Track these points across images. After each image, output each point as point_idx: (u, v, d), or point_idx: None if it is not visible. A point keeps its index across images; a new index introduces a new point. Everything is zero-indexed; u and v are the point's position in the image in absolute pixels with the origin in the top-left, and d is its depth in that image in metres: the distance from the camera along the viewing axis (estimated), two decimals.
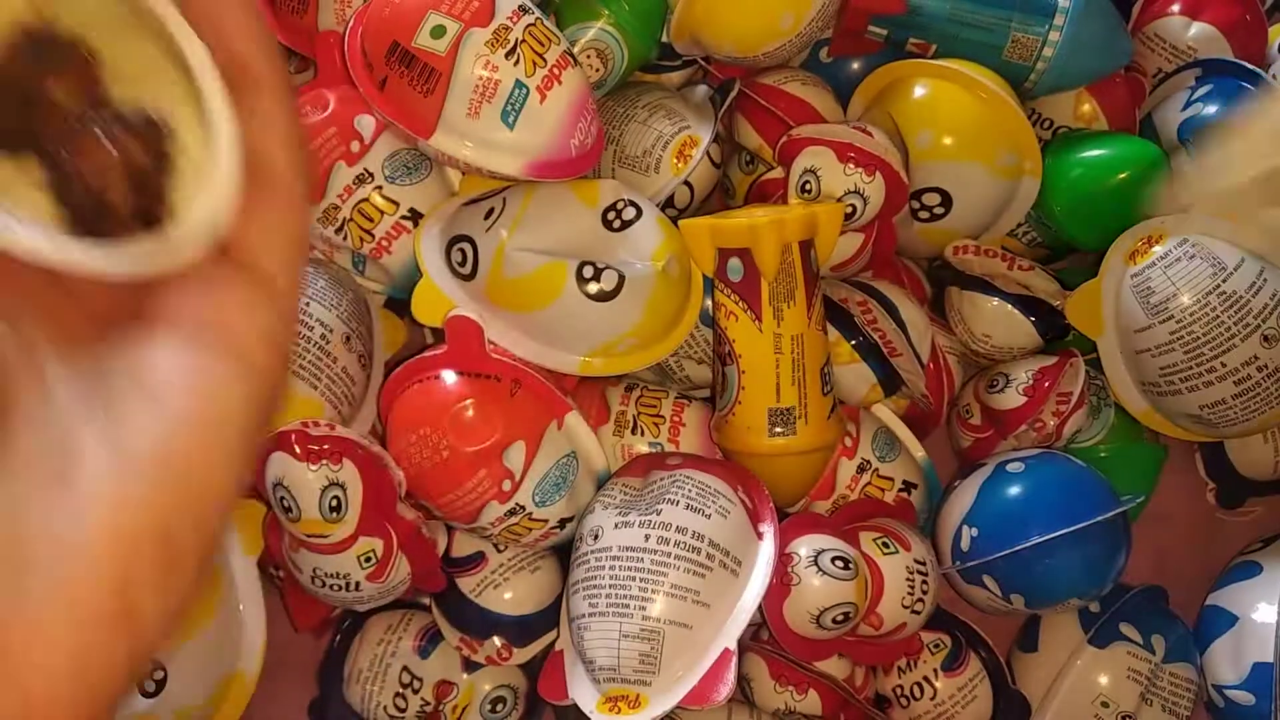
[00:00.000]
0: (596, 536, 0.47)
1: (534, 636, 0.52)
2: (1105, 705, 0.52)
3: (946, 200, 0.55)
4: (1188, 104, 0.58)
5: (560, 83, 0.48)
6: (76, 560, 0.17)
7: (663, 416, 0.54)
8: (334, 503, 0.46)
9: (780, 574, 0.48)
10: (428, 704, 0.53)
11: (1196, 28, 0.61)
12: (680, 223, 0.51)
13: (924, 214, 0.56)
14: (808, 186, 0.52)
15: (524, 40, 0.47)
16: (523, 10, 0.48)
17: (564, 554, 0.52)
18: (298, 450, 0.46)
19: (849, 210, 0.52)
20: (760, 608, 0.47)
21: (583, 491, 0.51)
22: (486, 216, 0.50)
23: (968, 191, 0.55)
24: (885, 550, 0.50)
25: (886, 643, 0.52)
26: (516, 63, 0.47)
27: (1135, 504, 0.53)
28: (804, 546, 0.49)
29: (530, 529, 0.50)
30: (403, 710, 0.52)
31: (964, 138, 0.54)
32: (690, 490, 0.47)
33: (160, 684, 0.46)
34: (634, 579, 0.45)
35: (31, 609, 0.16)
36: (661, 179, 0.55)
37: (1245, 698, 0.52)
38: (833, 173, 0.52)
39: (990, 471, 0.53)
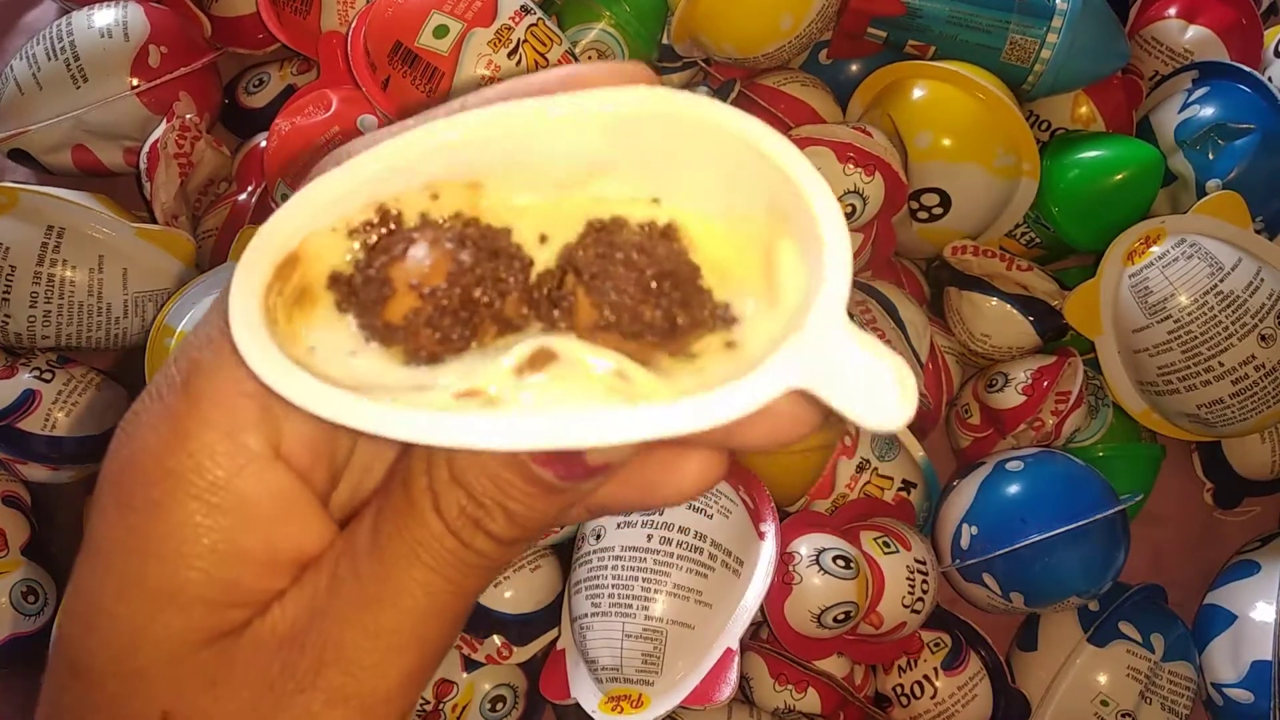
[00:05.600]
0: (599, 536, 0.47)
1: (534, 635, 0.52)
2: (1105, 704, 0.52)
3: (945, 201, 0.55)
4: (1184, 106, 0.59)
5: None
6: None
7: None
8: None
9: (781, 573, 0.48)
10: (427, 703, 0.53)
11: (1193, 31, 0.61)
12: None
13: (923, 214, 0.56)
14: None
15: (526, 40, 0.48)
16: (525, 11, 0.48)
17: (564, 552, 0.52)
18: None
19: (848, 210, 0.52)
20: (761, 607, 0.47)
21: None
22: None
23: (966, 192, 0.55)
24: (886, 549, 0.50)
25: (886, 642, 0.52)
26: (519, 63, 0.47)
27: (1133, 503, 0.53)
28: (805, 546, 0.49)
29: None
30: None
31: (962, 139, 0.54)
32: None
33: None
34: (637, 579, 0.46)
35: None
36: None
37: (1244, 696, 0.52)
38: (832, 172, 0.52)
39: (989, 470, 0.53)
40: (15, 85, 0.57)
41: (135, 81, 0.56)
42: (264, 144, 0.55)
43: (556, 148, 0.17)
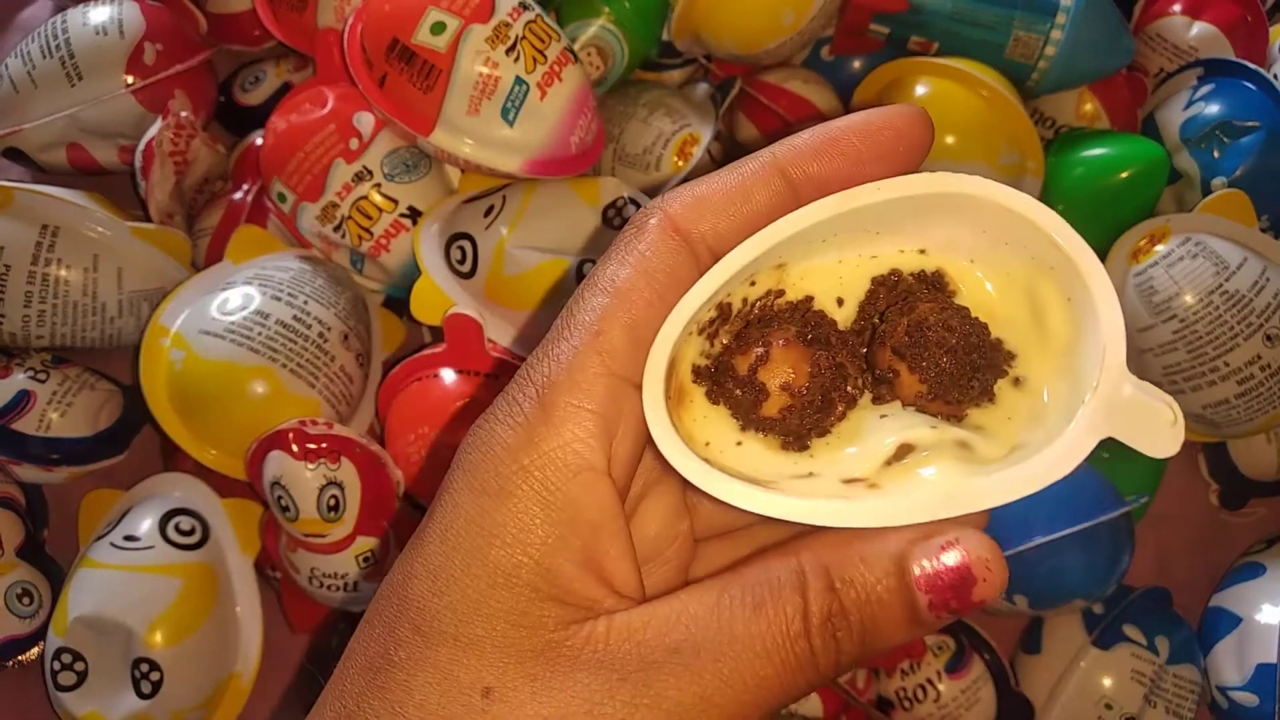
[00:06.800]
0: None
1: None
2: (1109, 707, 0.51)
3: None
4: (1189, 103, 0.58)
5: (561, 80, 0.48)
6: None
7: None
8: (332, 502, 0.46)
9: None
10: None
11: (1198, 27, 0.61)
12: None
13: None
14: None
15: (524, 37, 0.47)
16: (523, 7, 0.48)
17: None
18: (295, 449, 0.46)
19: None
20: None
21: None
22: (486, 214, 0.50)
23: None
24: None
25: None
26: (517, 59, 0.47)
27: (1138, 505, 0.53)
28: None
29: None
30: None
31: (966, 136, 0.54)
32: None
33: (156, 685, 0.46)
34: None
35: None
36: (662, 177, 0.55)
37: (1249, 699, 0.51)
38: None
39: None
40: (10, 83, 0.56)
41: (130, 79, 0.56)
42: (260, 142, 0.55)
43: (845, 224, 0.21)
